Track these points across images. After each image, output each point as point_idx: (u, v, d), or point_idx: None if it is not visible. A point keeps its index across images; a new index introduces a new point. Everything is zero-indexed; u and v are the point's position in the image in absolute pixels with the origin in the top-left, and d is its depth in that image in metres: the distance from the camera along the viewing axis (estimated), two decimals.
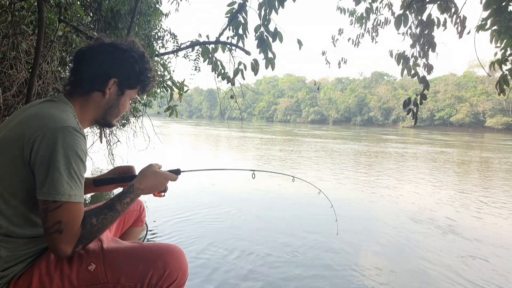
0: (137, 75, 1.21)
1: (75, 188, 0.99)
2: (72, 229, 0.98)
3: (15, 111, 3.22)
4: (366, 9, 3.57)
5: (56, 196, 0.95)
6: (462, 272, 2.64)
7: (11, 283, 1.04)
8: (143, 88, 1.27)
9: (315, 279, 2.40)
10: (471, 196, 5.64)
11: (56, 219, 0.96)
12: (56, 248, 0.97)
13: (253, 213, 4.09)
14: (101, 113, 1.21)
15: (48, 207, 0.96)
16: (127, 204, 1.14)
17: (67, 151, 0.97)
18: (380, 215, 4.28)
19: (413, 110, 2.52)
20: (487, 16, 2.15)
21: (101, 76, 1.16)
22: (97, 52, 1.16)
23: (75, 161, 0.99)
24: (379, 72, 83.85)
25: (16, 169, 1.00)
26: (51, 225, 0.96)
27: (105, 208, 1.08)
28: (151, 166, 1.28)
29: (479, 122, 59.38)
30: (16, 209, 1.02)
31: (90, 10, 4.28)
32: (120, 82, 1.19)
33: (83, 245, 1.02)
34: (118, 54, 1.17)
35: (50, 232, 0.96)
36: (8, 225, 1.01)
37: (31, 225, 1.05)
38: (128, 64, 1.18)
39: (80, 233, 0.99)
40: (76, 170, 0.99)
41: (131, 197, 1.16)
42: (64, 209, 0.96)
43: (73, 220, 0.98)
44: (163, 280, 1.13)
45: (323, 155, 11.28)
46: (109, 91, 1.18)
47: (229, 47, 3.26)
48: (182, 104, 4.21)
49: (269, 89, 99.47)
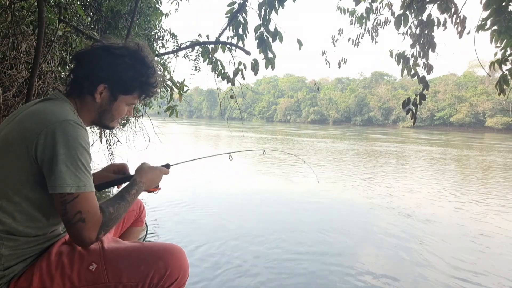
0: (131, 80, 1.17)
1: (85, 179, 1.01)
2: (93, 216, 1.01)
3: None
4: (366, 9, 3.58)
5: (68, 188, 0.97)
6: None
7: (12, 282, 1.05)
8: (144, 93, 1.23)
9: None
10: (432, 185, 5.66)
11: (76, 210, 0.98)
12: (81, 236, 1.00)
13: (253, 210, 4.10)
14: (95, 115, 1.21)
15: (66, 199, 0.98)
16: (134, 195, 1.20)
17: (71, 144, 0.99)
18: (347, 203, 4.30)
19: (412, 110, 2.52)
20: (487, 16, 2.15)
21: (91, 81, 1.14)
22: (91, 56, 1.15)
23: (81, 153, 1.01)
24: (379, 72, 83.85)
25: (20, 166, 1.01)
26: (72, 216, 0.98)
27: (117, 199, 1.13)
28: (144, 163, 1.35)
29: (479, 122, 59.38)
30: (19, 206, 1.02)
31: (90, 10, 4.28)
32: (111, 88, 1.16)
33: (104, 232, 1.04)
34: (111, 59, 1.14)
35: (73, 222, 0.98)
36: (10, 222, 1.01)
37: (33, 222, 1.05)
38: (120, 70, 1.15)
39: (102, 220, 1.03)
40: (83, 161, 1.01)
41: (136, 189, 1.21)
42: (81, 199, 0.99)
43: (92, 208, 1.01)
44: (164, 280, 1.13)
45: (302, 152, 11.36)
46: (99, 96, 1.16)
47: (229, 47, 3.26)
48: (182, 104, 4.21)
49: (269, 89, 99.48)
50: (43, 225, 1.08)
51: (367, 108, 74.96)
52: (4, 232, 1.01)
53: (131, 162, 1.59)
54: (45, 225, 1.09)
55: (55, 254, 1.10)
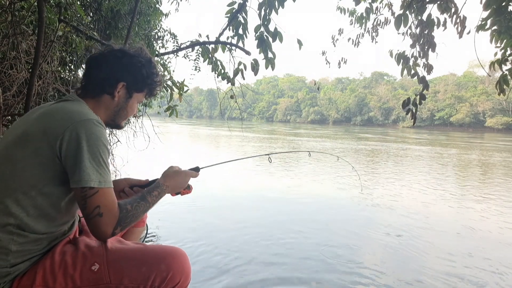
0: (144, 79, 1.28)
1: (105, 175, 1.06)
2: (111, 211, 1.05)
3: (15, 111, 3.23)
4: (366, 9, 3.57)
5: (91, 183, 1.02)
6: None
7: (16, 280, 1.06)
8: (150, 91, 1.34)
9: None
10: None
11: (95, 204, 1.03)
12: (98, 230, 1.05)
13: (254, 213, 4.10)
14: (110, 115, 1.28)
15: (86, 194, 1.02)
16: (156, 197, 1.24)
17: (94, 142, 1.05)
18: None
19: (412, 110, 2.52)
20: (487, 16, 2.15)
21: (111, 80, 1.23)
22: (108, 57, 1.24)
23: (102, 151, 1.06)
24: (379, 72, 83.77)
25: (40, 160, 1.04)
26: (91, 210, 1.03)
27: (137, 198, 1.17)
28: (171, 167, 1.38)
29: (479, 122, 59.33)
30: (34, 200, 1.04)
31: (90, 10, 4.28)
32: (128, 86, 1.26)
33: (121, 228, 1.08)
34: (127, 59, 1.24)
35: (91, 217, 1.03)
36: (23, 217, 1.03)
37: (45, 218, 1.07)
38: (136, 69, 1.25)
39: (119, 216, 1.07)
40: (104, 158, 1.07)
41: (158, 191, 1.25)
42: (100, 195, 1.04)
43: (110, 204, 1.06)
44: (166, 282, 1.13)
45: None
46: (118, 94, 1.25)
47: (229, 47, 3.26)
48: (182, 104, 4.21)
49: (269, 89, 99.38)
50: (54, 223, 1.10)
51: (367, 108, 74.90)
52: (15, 226, 1.03)
53: (130, 162, 1.60)
54: (55, 223, 1.11)
55: (59, 253, 1.11)
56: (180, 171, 1.37)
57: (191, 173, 1.41)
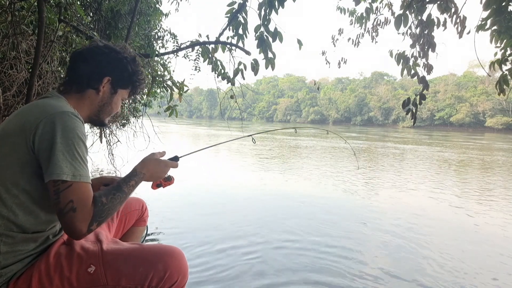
0: (130, 75, 1.27)
1: (81, 169, 1.01)
2: (84, 206, 0.99)
3: (15, 111, 3.23)
4: (366, 9, 3.57)
5: (64, 176, 0.97)
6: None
7: (11, 283, 1.04)
8: (134, 89, 1.33)
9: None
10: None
11: (68, 199, 0.97)
12: (72, 227, 0.98)
13: (252, 211, 4.10)
14: (95, 110, 1.25)
15: (59, 188, 0.97)
16: (133, 186, 1.17)
17: (68, 134, 1.01)
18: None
19: (412, 110, 2.52)
20: (487, 16, 2.15)
21: (96, 74, 1.21)
22: (94, 52, 1.22)
23: (77, 143, 1.02)
24: (379, 72, 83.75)
25: (18, 157, 1.01)
26: (64, 205, 0.97)
27: (113, 189, 1.10)
28: (153, 154, 1.32)
29: (479, 122, 59.32)
30: (17, 198, 1.02)
31: (90, 10, 4.27)
32: (113, 81, 1.25)
33: (97, 224, 1.02)
34: (113, 54, 1.23)
35: (64, 212, 0.97)
36: (9, 215, 1.01)
37: (31, 216, 1.05)
38: (122, 64, 1.25)
39: (93, 211, 1.01)
40: (79, 151, 1.02)
41: (135, 179, 1.18)
42: (74, 188, 0.98)
43: (84, 199, 1.00)
44: (164, 282, 1.13)
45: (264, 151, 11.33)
46: (103, 89, 1.23)
47: (229, 47, 3.25)
48: (182, 104, 4.21)
49: (269, 89, 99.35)
50: (40, 220, 1.07)
51: (367, 108, 74.89)
52: (2, 227, 1.01)
53: (130, 162, 1.59)
54: (42, 220, 1.08)
55: (54, 256, 1.10)
56: (160, 160, 1.30)
57: (171, 163, 1.34)
